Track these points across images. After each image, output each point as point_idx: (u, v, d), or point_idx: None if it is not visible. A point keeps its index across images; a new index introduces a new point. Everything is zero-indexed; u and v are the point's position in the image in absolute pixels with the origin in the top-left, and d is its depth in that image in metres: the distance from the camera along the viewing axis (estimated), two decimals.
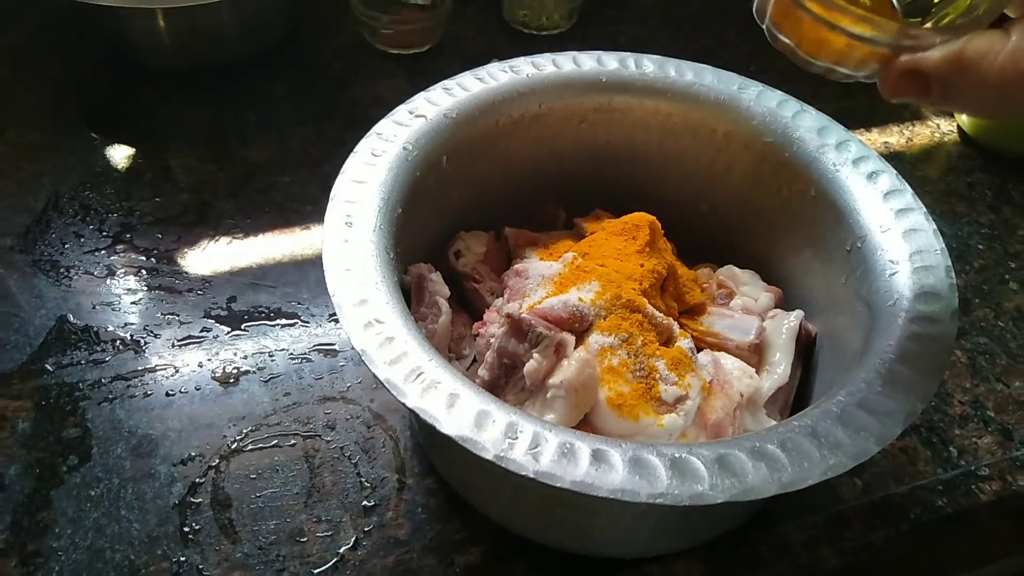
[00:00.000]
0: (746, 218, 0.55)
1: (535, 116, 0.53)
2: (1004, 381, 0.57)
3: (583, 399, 0.41)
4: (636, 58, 0.54)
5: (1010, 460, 0.52)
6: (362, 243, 0.42)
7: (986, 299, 0.63)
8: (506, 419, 0.35)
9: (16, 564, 0.44)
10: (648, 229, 0.49)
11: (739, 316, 0.49)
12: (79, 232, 0.62)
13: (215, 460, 0.49)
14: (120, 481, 0.48)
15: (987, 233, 0.68)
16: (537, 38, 0.85)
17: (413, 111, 0.49)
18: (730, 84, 0.53)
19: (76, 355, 0.54)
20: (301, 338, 0.56)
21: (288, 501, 0.47)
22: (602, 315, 0.43)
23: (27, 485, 0.47)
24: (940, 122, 0.79)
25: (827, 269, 0.49)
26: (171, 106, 0.73)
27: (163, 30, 0.71)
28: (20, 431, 0.50)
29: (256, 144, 0.70)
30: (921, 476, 0.51)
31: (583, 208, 0.55)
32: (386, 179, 0.45)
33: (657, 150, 0.55)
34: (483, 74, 0.52)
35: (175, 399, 0.52)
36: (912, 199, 0.46)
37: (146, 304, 0.57)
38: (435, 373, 0.36)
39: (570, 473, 0.33)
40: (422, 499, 0.48)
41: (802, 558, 0.46)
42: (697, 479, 0.33)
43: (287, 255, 0.62)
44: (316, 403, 0.52)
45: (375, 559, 0.45)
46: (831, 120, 0.51)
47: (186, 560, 0.45)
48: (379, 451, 0.50)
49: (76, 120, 0.72)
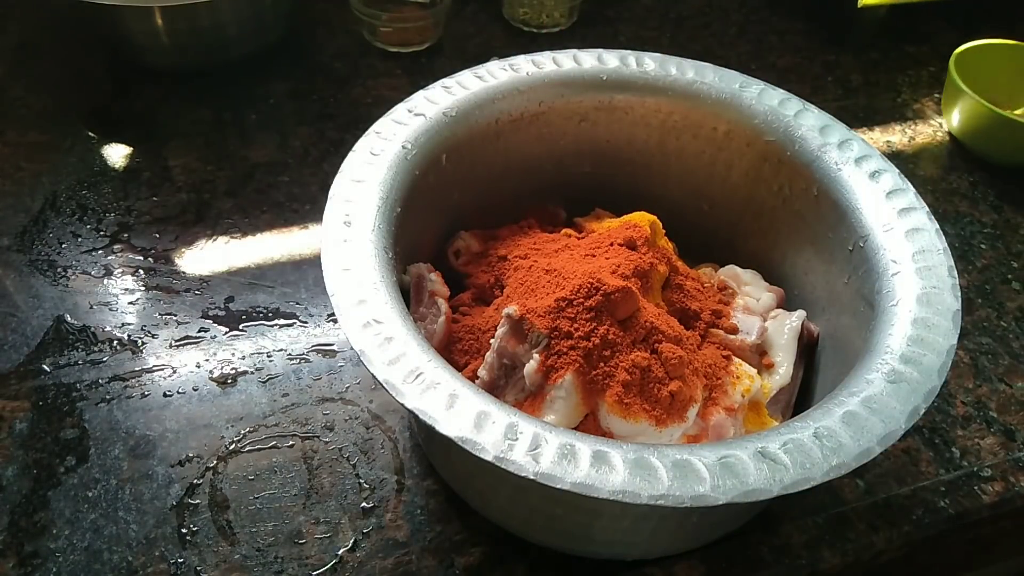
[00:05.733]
0: (747, 217, 0.54)
1: (535, 115, 0.52)
2: (1007, 381, 0.57)
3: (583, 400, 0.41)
4: (637, 56, 0.54)
5: (1012, 461, 0.52)
6: (361, 243, 0.41)
7: (989, 299, 0.62)
8: (506, 420, 0.35)
9: (14, 565, 0.44)
10: (648, 229, 0.49)
11: (741, 316, 0.49)
12: (76, 232, 0.62)
13: (213, 461, 0.49)
14: (118, 482, 0.47)
15: (990, 233, 0.68)
16: (537, 36, 0.84)
17: (412, 110, 0.49)
18: (731, 82, 0.53)
19: (73, 355, 0.54)
20: (299, 338, 0.56)
21: (286, 502, 0.47)
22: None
23: (24, 486, 0.47)
24: (942, 121, 0.79)
25: (829, 269, 0.48)
26: (170, 106, 0.73)
27: (163, 30, 0.71)
28: (17, 431, 0.49)
29: (256, 144, 0.70)
30: (923, 477, 0.50)
31: (583, 207, 0.55)
32: (385, 178, 0.45)
33: (658, 149, 0.55)
34: (483, 72, 0.52)
35: (173, 400, 0.52)
36: (914, 198, 0.46)
37: (144, 304, 0.57)
38: (434, 373, 0.36)
39: (570, 474, 0.33)
40: (421, 500, 0.48)
41: (803, 559, 0.46)
42: (699, 480, 0.33)
43: (285, 255, 0.61)
44: (314, 404, 0.52)
45: (374, 560, 0.45)
46: (833, 119, 0.51)
47: (184, 562, 0.44)
48: (378, 452, 0.50)
49: (75, 120, 0.72)
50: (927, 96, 0.82)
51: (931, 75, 0.85)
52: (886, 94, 0.82)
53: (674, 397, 0.41)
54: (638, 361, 0.41)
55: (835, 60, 0.86)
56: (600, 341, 0.41)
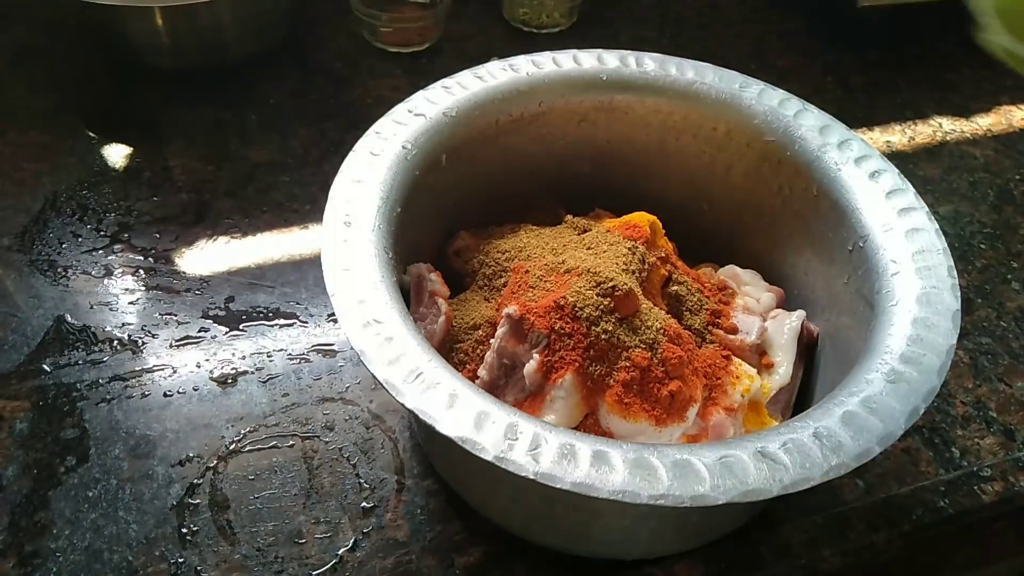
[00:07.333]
0: (747, 217, 0.54)
1: (535, 115, 0.52)
2: (1006, 381, 0.57)
3: (583, 400, 0.41)
4: (637, 56, 0.54)
5: (1012, 461, 0.52)
6: (361, 243, 0.41)
7: (988, 299, 0.62)
8: (506, 420, 0.35)
9: (14, 565, 0.44)
10: (648, 229, 0.49)
11: (741, 316, 0.49)
12: (77, 232, 0.62)
13: (213, 461, 0.49)
14: (118, 482, 0.47)
15: (989, 233, 0.68)
16: (537, 36, 0.84)
17: (412, 110, 0.49)
18: (731, 83, 0.53)
19: (74, 355, 0.54)
20: (299, 338, 0.56)
21: (286, 502, 0.47)
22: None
23: (25, 485, 0.47)
24: (942, 121, 0.79)
25: (829, 269, 0.48)
26: (171, 106, 0.73)
27: (163, 30, 0.71)
28: (18, 431, 0.49)
29: (256, 144, 0.70)
30: (923, 477, 0.50)
31: (583, 207, 0.55)
32: (385, 178, 0.45)
33: (658, 149, 0.55)
34: (483, 72, 0.52)
35: (173, 400, 0.52)
36: (914, 198, 0.46)
37: (144, 304, 0.57)
38: (434, 373, 0.36)
39: (570, 474, 0.33)
40: (421, 500, 0.48)
41: (803, 559, 0.46)
42: (698, 480, 0.33)
43: (286, 255, 0.61)
44: (315, 404, 0.52)
45: (374, 560, 0.45)
46: (833, 119, 0.51)
47: (184, 561, 0.44)
48: (378, 452, 0.50)
49: (75, 120, 0.72)
50: (927, 96, 0.82)
51: (931, 75, 0.85)
52: (886, 94, 0.82)
53: (674, 397, 0.41)
54: (638, 361, 0.41)
55: (835, 60, 0.86)
56: (600, 341, 0.41)
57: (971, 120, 0.80)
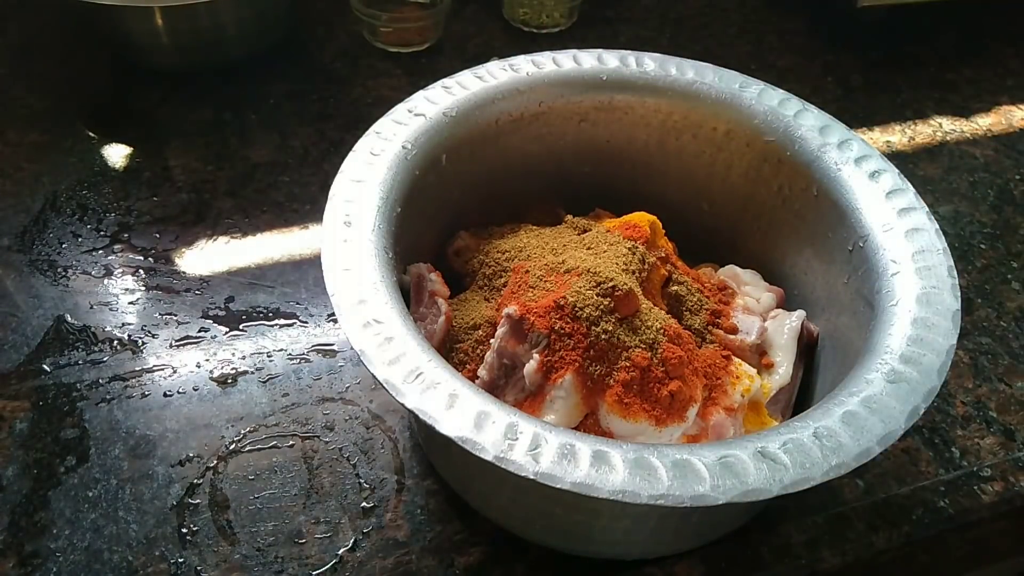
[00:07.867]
0: (747, 217, 0.54)
1: (535, 115, 0.52)
2: (1006, 381, 0.57)
3: (583, 400, 0.41)
4: (637, 56, 0.54)
5: (1012, 461, 0.52)
6: (361, 243, 0.41)
7: (988, 299, 0.62)
8: (506, 420, 0.35)
9: (14, 565, 0.44)
10: (648, 229, 0.49)
11: (741, 316, 0.49)
12: (77, 232, 0.62)
13: (213, 461, 0.49)
14: (118, 482, 0.47)
15: (989, 233, 0.68)
16: (537, 36, 0.84)
17: (412, 110, 0.49)
18: (731, 83, 0.53)
19: (74, 355, 0.54)
20: (299, 338, 0.56)
21: (286, 502, 0.47)
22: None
23: (25, 485, 0.47)
24: (942, 121, 0.79)
25: (829, 269, 0.48)
26: (171, 106, 0.73)
27: (163, 30, 0.71)
28: (18, 431, 0.49)
29: (256, 144, 0.70)
30: (923, 477, 0.50)
31: (583, 207, 0.55)
32: (385, 178, 0.45)
33: (658, 149, 0.55)
34: (483, 72, 0.52)
35: (173, 400, 0.52)
36: (914, 198, 0.46)
37: (144, 304, 0.57)
38: (434, 373, 0.36)
39: (570, 474, 0.33)
40: (421, 500, 0.48)
41: (803, 559, 0.46)
42: (698, 480, 0.33)
43: (286, 255, 0.61)
44: (315, 404, 0.52)
45: (374, 560, 0.45)
46: (833, 119, 0.51)
47: (184, 561, 0.44)
48: (378, 452, 0.50)
49: (75, 120, 0.72)
50: (927, 96, 0.82)
51: (931, 75, 0.85)
52: (886, 94, 0.82)
53: (674, 397, 0.41)
54: (638, 361, 0.41)
55: (835, 60, 0.86)
56: (600, 341, 0.41)
57: (971, 120, 0.80)
